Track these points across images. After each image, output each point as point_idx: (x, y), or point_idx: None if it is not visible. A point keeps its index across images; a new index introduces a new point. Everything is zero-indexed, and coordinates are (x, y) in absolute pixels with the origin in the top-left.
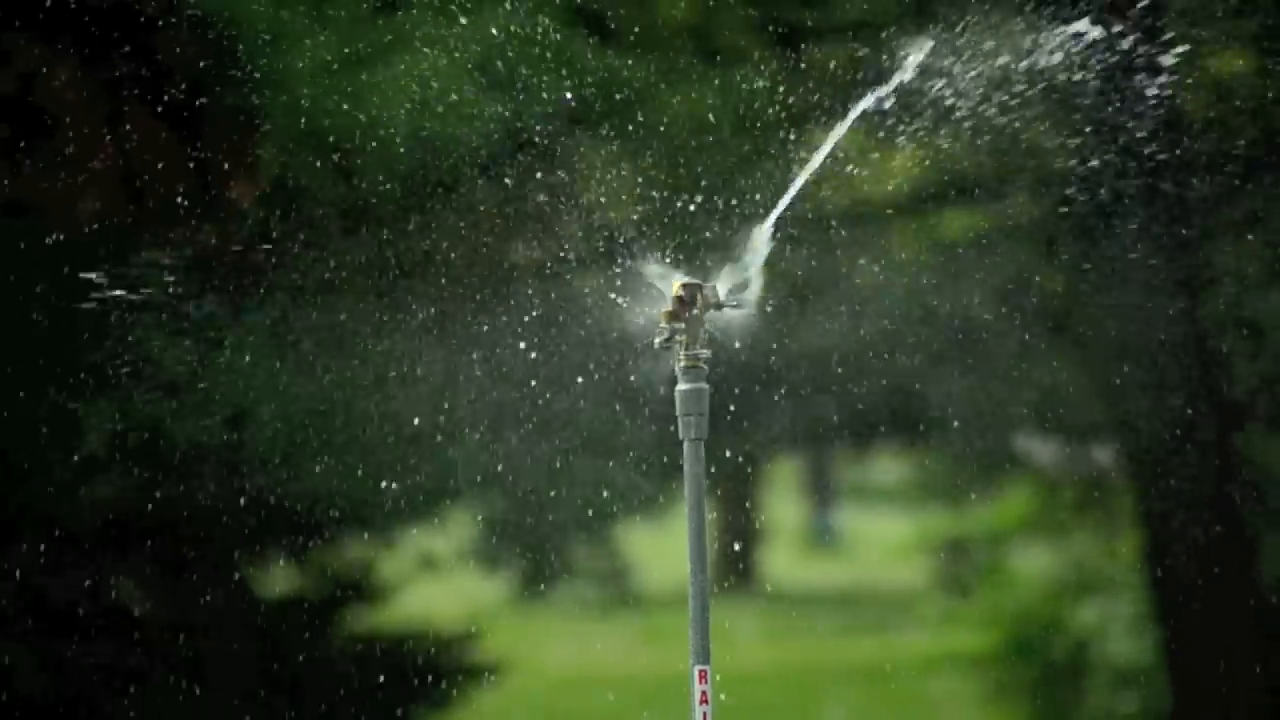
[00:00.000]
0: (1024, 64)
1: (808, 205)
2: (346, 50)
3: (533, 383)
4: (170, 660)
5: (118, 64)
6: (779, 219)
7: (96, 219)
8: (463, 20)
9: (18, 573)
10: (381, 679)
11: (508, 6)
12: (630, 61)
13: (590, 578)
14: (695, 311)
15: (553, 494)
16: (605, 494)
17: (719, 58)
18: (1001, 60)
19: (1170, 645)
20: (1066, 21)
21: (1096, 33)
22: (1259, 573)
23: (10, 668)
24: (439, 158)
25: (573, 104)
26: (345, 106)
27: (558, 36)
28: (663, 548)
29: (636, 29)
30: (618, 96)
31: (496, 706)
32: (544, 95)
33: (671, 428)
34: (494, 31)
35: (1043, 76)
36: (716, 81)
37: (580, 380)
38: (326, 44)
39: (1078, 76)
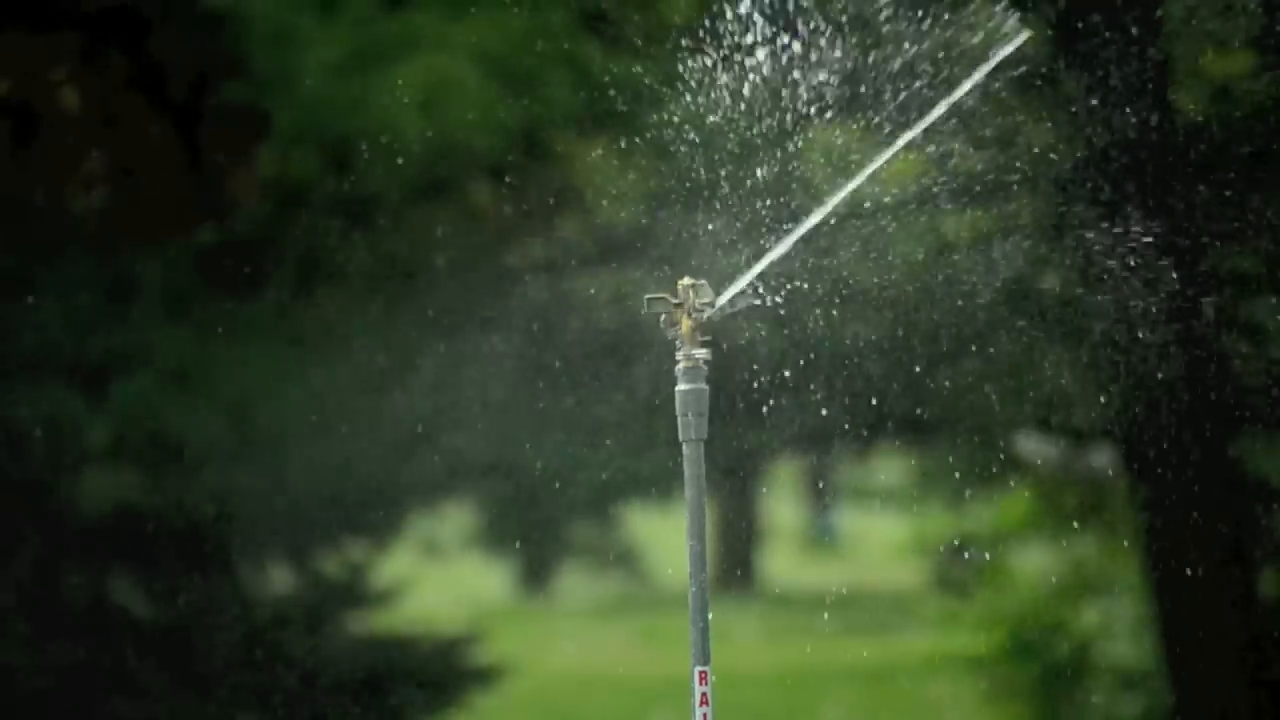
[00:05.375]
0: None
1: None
2: (355, 50)
3: (537, 380)
4: (169, 660)
5: (117, 62)
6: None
7: (97, 215)
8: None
9: (18, 572)
10: (382, 679)
11: (515, 10)
12: (636, 66)
13: (592, 575)
14: (695, 312)
15: (556, 488)
16: (607, 492)
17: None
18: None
19: (1171, 646)
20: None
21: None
22: (1259, 574)
23: (10, 668)
24: (446, 157)
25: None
26: (353, 105)
27: (565, 44)
28: (664, 547)
29: (640, 31)
30: (620, 98)
31: (497, 706)
32: (552, 97)
33: (663, 427)
34: (505, 31)
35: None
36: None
37: (584, 376)
38: (335, 43)
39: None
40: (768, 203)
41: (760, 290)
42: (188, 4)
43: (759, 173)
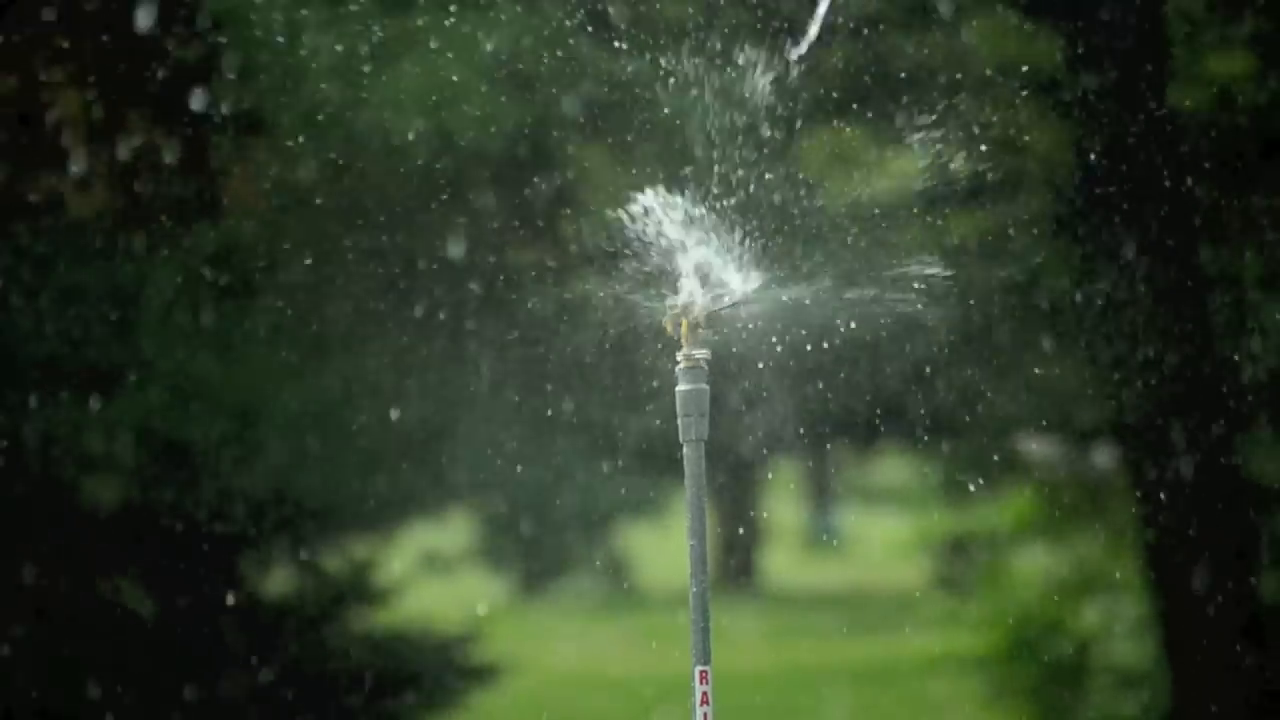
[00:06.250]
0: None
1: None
2: (357, 50)
3: (539, 383)
4: (171, 660)
5: (117, 64)
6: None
7: (99, 219)
8: (473, 26)
9: (23, 574)
10: (382, 679)
11: (517, 9)
12: (634, 65)
13: (590, 577)
14: (695, 312)
15: (554, 495)
16: (608, 493)
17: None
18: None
19: (1171, 646)
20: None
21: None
22: (1259, 574)
23: (15, 668)
24: (447, 158)
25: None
26: (355, 106)
27: (570, 41)
28: (664, 547)
29: (639, 30)
30: (621, 98)
31: (497, 706)
32: (553, 95)
33: (669, 427)
34: (504, 27)
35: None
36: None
37: (582, 379)
38: (337, 43)
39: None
40: (766, 201)
41: (745, 292)
42: (188, 4)
43: (758, 171)
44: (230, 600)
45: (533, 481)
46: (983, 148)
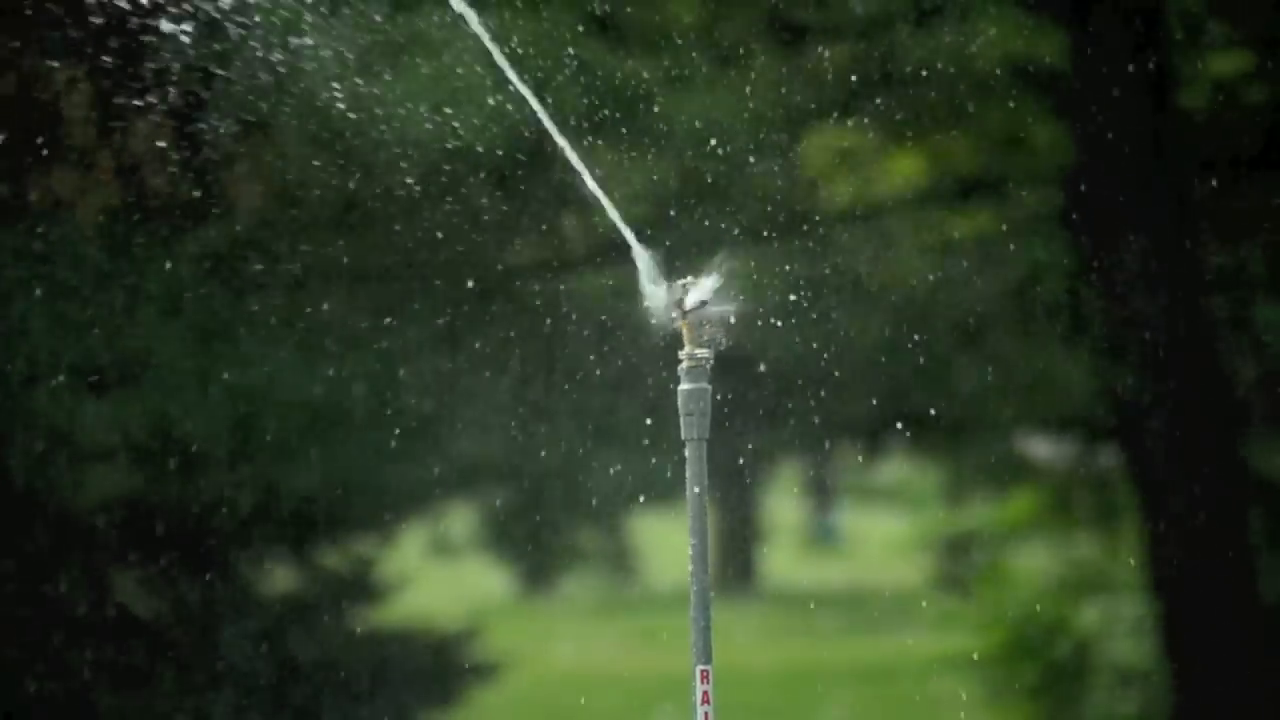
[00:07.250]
0: None
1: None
2: (359, 50)
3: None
4: (171, 659)
5: (118, 61)
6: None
7: (98, 215)
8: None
9: (22, 572)
10: (382, 675)
11: (521, 10)
12: (641, 65)
13: (594, 574)
14: (696, 311)
15: (559, 490)
16: (609, 492)
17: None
18: None
19: (1171, 646)
20: None
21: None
22: (1260, 574)
23: (11, 667)
24: (448, 156)
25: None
26: (356, 105)
27: (570, 38)
28: (666, 546)
29: (645, 31)
30: (626, 96)
31: (499, 704)
32: (556, 97)
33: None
34: (507, 28)
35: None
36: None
37: (586, 376)
38: (338, 42)
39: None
40: (768, 201)
41: (731, 291)
42: (189, 1)
43: (760, 171)
44: (229, 598)
45: (535, 476)
46: (983, 147)
